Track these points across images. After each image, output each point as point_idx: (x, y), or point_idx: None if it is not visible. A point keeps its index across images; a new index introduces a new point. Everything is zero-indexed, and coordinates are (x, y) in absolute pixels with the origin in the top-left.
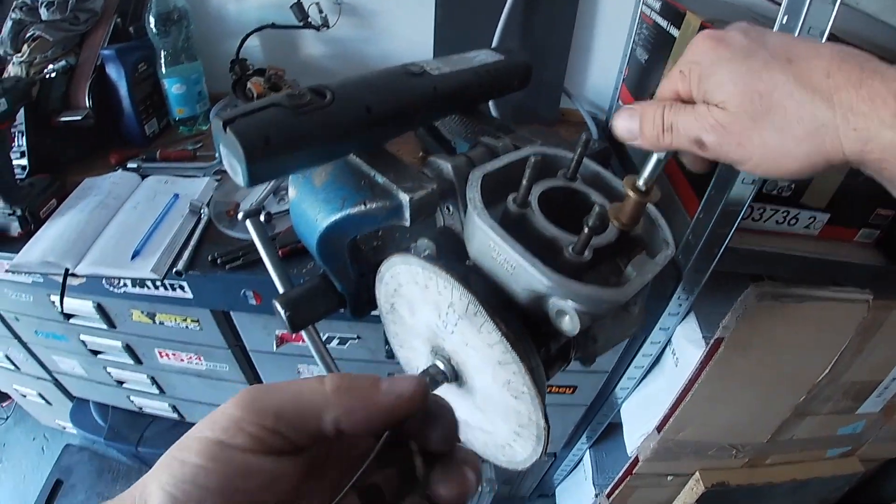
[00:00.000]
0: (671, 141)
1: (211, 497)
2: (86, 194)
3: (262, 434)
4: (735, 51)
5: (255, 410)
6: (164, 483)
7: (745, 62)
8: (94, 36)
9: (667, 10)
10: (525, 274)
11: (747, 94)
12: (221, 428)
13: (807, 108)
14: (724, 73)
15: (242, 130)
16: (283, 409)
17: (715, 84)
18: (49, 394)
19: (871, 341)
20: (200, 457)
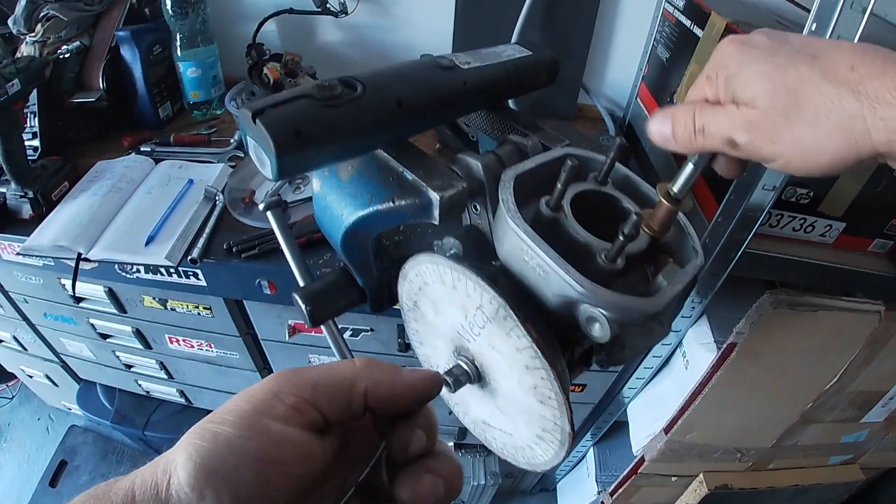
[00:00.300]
0: (704, 142)
1: (247, 466)
2: (98, 177)
3: (300, 405)
4: (760, 50)
5: (294, 383)
6: (192, 454)
7: (771, 59)
8: (109, 17)
9: (691, 8)
10: (558, 280)
11: (776, 90)
12: (259, 400)
13: (834, 100)
14: (751, 72)
15: (272, 122)
16: (320, 381)
17: (743, 83)
18: (56, 376)
19: (880, 352)
20: (237, 427)
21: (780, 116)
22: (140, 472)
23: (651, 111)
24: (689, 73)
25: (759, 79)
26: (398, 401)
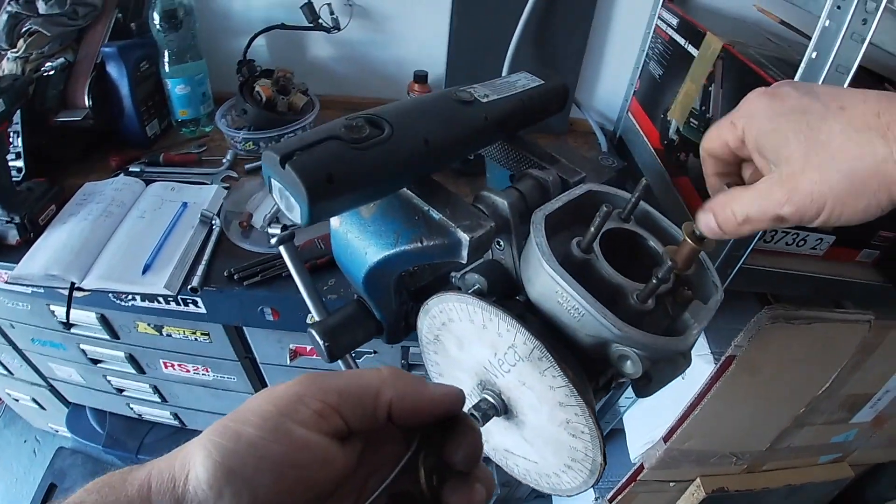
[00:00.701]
0: (752, 228)
1: (267, 469)
2: (87, 200)
3: (324, 411)
4: (791, 106)
5: (320, 388)
6: (212, 452)
7: (804, 117)
8: (94, 32)
9: (685, 27)
10: (594, 323)
11: (811, 147)
12: (284, 402)
13: (865, 147)
14: (786, 130)
15: (303, 167)
16: (346, 389)
17: (778, 141)
18: (43, 399)
19: (869, 358)
20: (260, 429)
21: (817, 173)
22: (156, 464)
23: (642, 125)
24: (683, 90)
25: (795, 136)
26: (421, 414)
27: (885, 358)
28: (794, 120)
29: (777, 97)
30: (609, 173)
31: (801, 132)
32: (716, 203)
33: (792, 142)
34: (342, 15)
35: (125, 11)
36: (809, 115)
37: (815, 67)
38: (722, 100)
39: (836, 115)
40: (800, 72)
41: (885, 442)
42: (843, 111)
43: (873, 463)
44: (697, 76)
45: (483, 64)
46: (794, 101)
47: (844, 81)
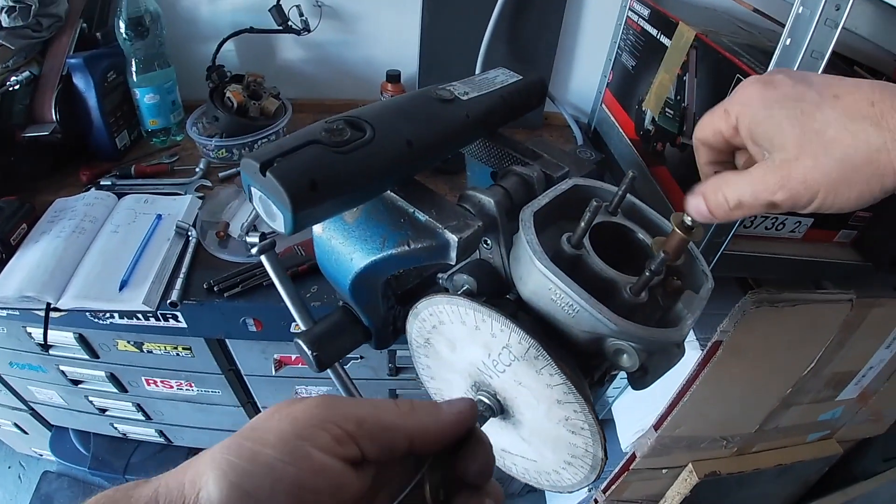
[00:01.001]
0: (743, 214)
1: (284, 492)
2: (59, 217)
3: (342, 437)
4: (785, 94)
5: (340, 414)
6: (227, 472)
7: (798, 105)
8: (59, 43)
9: (657, 18)
10: (590, 319)
11: (805, 134)
12: (303, 425)
13: (859, 136)
14: (780, 117)
15: (285, 174)
16: (366, 419)
17: (773, 128)
18: (25, 423)
19: (852, 336)
20: (278, 450)
21: (811, 160)
22: (164, 480)
23: (617, 116)
24: (657, 80)
25: (790, 124)
26: (444, 441)
27: (868, 335)
28: (788, 107)
29: (771, 85)
30: (589, 166)
31: (796, 119)
32: (707, 187)
33: (786, 129)
34: (311, 16)
35: (90, 21)
36: (804, 103)
37: (789, 54)
38: (697, 88)
39: (830, 103)
40: (774, 58)
41: (871, 417)
42: (837, 100)
43: (860, 438)
44: (671, 66)
45: (456, 61)
46: (789, 89)
47: (819, 67)
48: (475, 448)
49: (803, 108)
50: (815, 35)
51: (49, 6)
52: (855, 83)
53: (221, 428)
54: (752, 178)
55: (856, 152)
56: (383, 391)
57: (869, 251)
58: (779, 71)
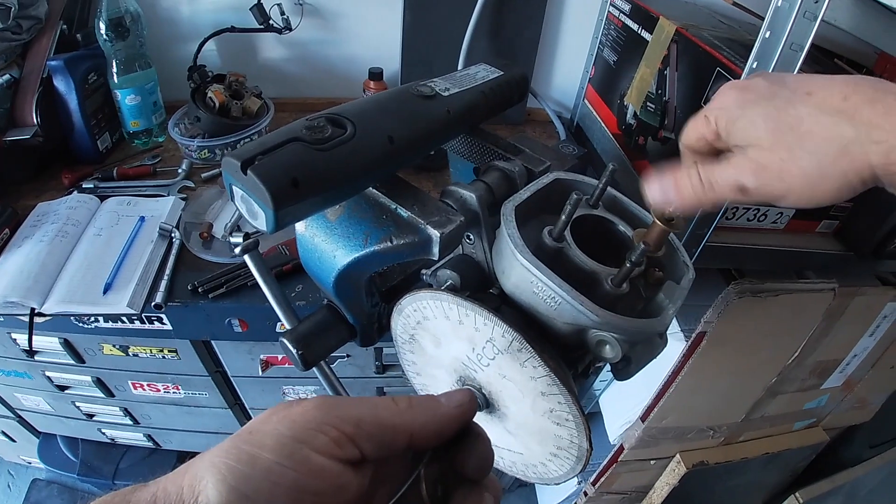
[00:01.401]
0: (714, 196)
1: (283, 495)
2: (41, 221)
3: (340, 439)
4: (760, 94)
5: (338, 416)
6: (226, 476)
7: (771, 102)
8: (39, 45)
9: (637, 13)
10: (571, 310)
11: (778, 128)
12: (301, 427)
13: (833, 129)
14: (754, 114)
15: (267, 172)
16: (364, 419)
17: (747, 124)
18: (12, 431)
19: (835, 325)
20: (276, 453)
21: (785, 151)
22: (162, 484)
23: (599, 111)
24: (639, 75)
25: (763, 119)
26: (444, 435)
27: (851, 323)
28: (762, 105)
29: (747, 88)
30: (571, 161)
31: (769, 116)
32: (678, 172)
33: (760, 125)
34: (293, 15)
35: (70, 22)
36: (777, 99)
37: (769, 46)
38: (677, 82)
39: (803, 99)
40: (754, 51)
41: (856, 404)
42: (810, 96)
43: (846, 425)
44: (652, 60)
45: (438, 58)
46: (763, 90)
47: (798, 59)
48: (474, 443)
49: (777, 104)
50: (795, 28)
51: (28, 8)
52: (828, 79)
53: (210, 430)
54: (727, 162)
55: (829, 146)
56: (370, 389)
57: (851, 241)
58: (756, 75)
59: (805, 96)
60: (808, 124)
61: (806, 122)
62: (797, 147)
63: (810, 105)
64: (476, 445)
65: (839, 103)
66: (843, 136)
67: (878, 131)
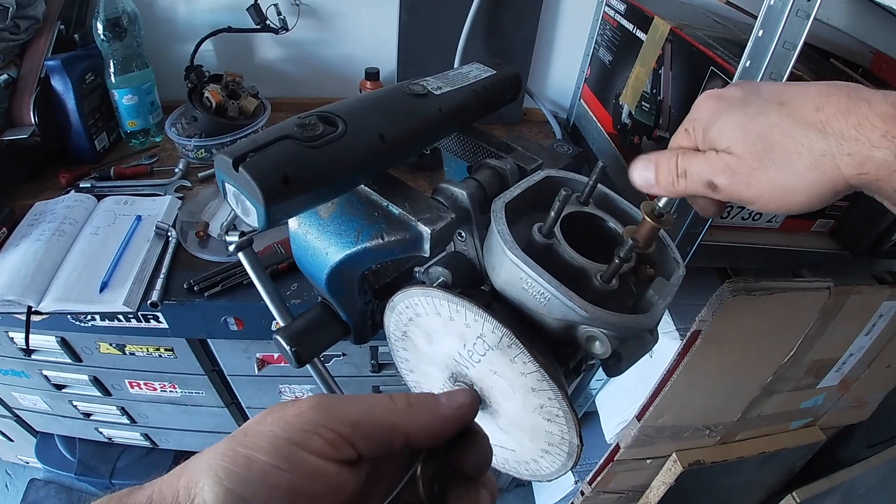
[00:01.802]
0: (685, 186)
1: (278, 497)
2: (39, 220)
3: (336, 441)
4: (733, 102)
5: (334, 417)
6: (223, 479)
7: (743, 110)
8: (37, 45)
9: (632, 13)
10: (560, 306)
11: (749, 136)
12: (296, 429)
13: (804, 141)
14: (725, 122)
15: (258, 169)
16: (361, 420)
17: (718, 132)
18: (10, 430)
19: (831, 323)
20: (271, 456)
21: (755, 161)
22: (157, 486)
23: (595, 111)
24: (634, 75)
25: (733, 128)
26: (443, 436)
27: (847, 322)
28: (734, 113)
29: (722, 98)
30: (566, 160)
31: (741, 124)
32: (661, 155)
33: (730, 133)
34: (290, 15)
35: (68, 22)
36: (749, 107)
37: (762, 45)
38: (672, 81)
39: (775, 109)
40: (747, 50)
41: (853, 403)
42: (782, 106)
43: (843, 425)
44: (647, 60)
45: (434, 58)
46: (737, 98)
47: (791, 58)
48: (473, 440)
49: (748, 112)
50: (787, 26)
51: (26, 8)
52: (801, 88)
53: (207, 430)
54: (704, 156)
55: (799, 158)
56: (366, 388)
57: (846, 239)
58: (733, 85)
59: (778, 106)
60: (778, 135)
61: (776, 132)
62: (766, 157)
63: (782, 115)
64: (475, 443)
65: (811, 115)
66: (814, 148)
67: (851, 143)
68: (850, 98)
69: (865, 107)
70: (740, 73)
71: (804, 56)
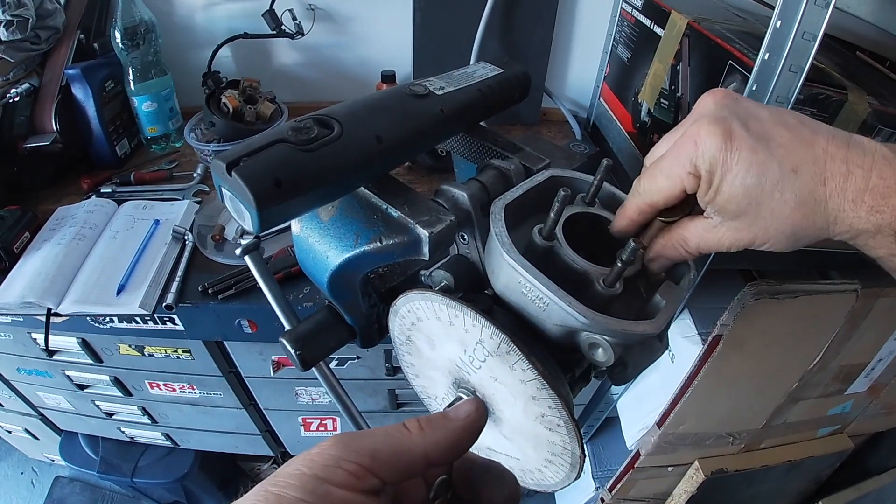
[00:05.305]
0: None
1: None
2: (60, 225)
3: (359, 472)
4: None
5: (354, 450)
6: None
7: (760, 178)
8: (57, 55)
9: (650, 8)
10: (559, 312)
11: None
12: (320, 465)
13: (809, 218)
14: (736, 185)
15: (250, 174)
16: (378, 449)
17: (728, 197)
18: (35, 429)
19: (859, 327)
20: (299, 491)
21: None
22: None
23: (614, 110)
24: (652, 71)
25: (744, 194)
26: (460, 448)
27: (876, 326)
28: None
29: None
30: (581, 159)
31: (751, 195)
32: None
33: (740, 201)
34: (305, 20)
35: (87, 32)
36: (764, 177)
37: (780, 37)
38: (690, 77)
39: (788, 179)
40: (765, 42)
41: (883, 410)
42: (795, 175)
43: (872, 432)
44: (665, 56)
45: (450, 59)
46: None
47: (811, 49)
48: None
49: (762, 183)
50: (806, 16)
51: (47, 19)
52: (811, 150)
53: (226, 430)
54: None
55: (804, 232)
56: (381, 391)
57: None
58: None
59: (790, 174)
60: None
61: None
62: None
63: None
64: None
65: (819, 189)
66: (816, 224)
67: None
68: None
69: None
70: (759, 67)
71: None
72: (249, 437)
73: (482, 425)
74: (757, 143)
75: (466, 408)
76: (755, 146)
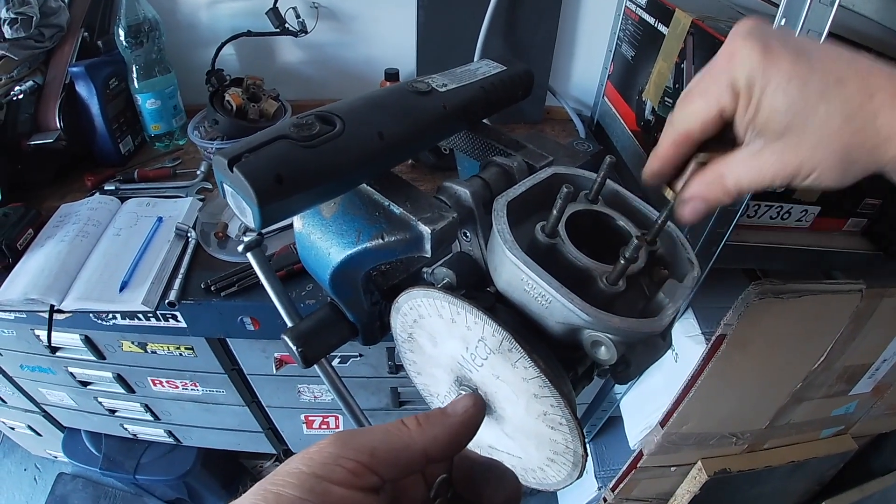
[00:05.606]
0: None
1: None
2: (64, 222)
3: (358, 469)
4: (781, 59)
5: (353, 448)
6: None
7: (803, 89)
8: (61, 52)
9: (654, 6)
10: (562, 309)
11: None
12: (319, 463)
13: (858, 134)
14: (779, 98)
15: (251, 170)
16: (377, 447)
17: (770, 112)
18: (38, 425)
19: (863, 328)
20: (298, 489)
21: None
22: None
23: (618, 108)
24: (656, 70)
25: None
26: (459, 444)
27: (880, 326)
28: (788, 84)
29: (770, 51)
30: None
31: (798, 111)
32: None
33: (783, 115)
34: (308, 18)
35: (91, 30)
36: (807, 90)
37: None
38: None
39: (834, 90)
40: None
41: (887, 411)
42: (841, 85)
43: (876, 433)
44: (669, 54)
45: (453, 57)
46: (787, 60)
47: None
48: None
49: (806, 95)
50: (811, 14)
51: (51, 17)
52: (855, 64)
53: (229, 427)
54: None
55: (855, 152)
56: (384, 388)
57: (879, 239)
58: (770, 34)
59: (836, 85)
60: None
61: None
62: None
63: (841, 99)
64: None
65: (867, 101)
66: (865, 141)
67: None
68: None
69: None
70: None
71: None
72: (252, 435)
73: (480, 420)
74: (797, 56)
75: (464, 403)
76: (795, 58)
